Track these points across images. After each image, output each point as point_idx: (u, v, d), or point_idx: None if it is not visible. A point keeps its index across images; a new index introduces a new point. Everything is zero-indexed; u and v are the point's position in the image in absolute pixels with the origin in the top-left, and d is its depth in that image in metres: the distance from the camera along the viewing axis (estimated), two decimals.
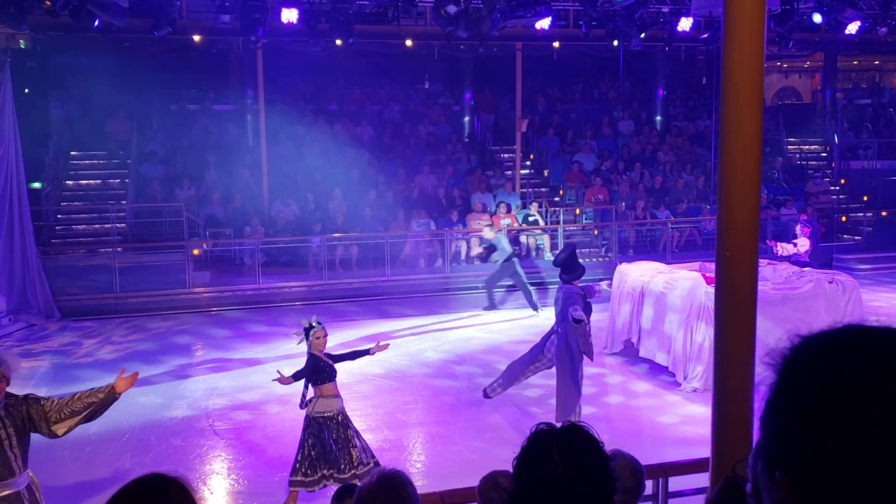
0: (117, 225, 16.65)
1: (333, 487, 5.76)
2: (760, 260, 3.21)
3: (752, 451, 1.04)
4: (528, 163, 20.47)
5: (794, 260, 12.26)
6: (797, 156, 23.06)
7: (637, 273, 10.87)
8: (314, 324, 6.87)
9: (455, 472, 7.09)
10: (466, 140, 20.84)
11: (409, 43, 17.19)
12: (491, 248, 14.05)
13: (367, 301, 14.66)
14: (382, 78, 21.20)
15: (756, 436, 1.03)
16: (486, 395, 8.82)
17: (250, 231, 15.83)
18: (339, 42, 15.61)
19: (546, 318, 11.89)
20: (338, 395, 6.76)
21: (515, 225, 17.14)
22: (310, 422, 6.57)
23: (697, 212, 18.43)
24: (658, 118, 22.28)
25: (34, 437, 5.07)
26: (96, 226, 16.98)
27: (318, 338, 6.78)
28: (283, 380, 6.64)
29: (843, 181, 21.62)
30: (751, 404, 2.99)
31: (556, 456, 1.61)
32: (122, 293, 14.20)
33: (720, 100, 3.53)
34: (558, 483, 1.58)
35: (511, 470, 1.69)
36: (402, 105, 21.10)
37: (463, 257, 16.65)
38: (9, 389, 4.83)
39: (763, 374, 1.03)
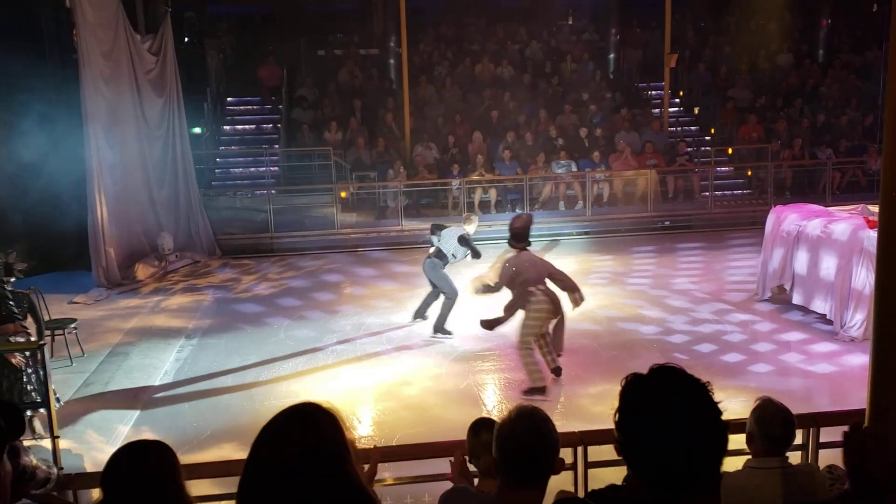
0: (271, 168, 17.46)
1: None
2: None
3: None
4: (677, 100, 19.65)
5: None
6: None
7: (793, 216, 10.30)
8: None
9: (593, 414, 7.10)
10: (611, 77, 20.22)
11: None
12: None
13: (505, 244, 14.66)
14: (525, 15, 20.81)
15: None
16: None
17: (393, 174, 16.17)
18: None
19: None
20: None
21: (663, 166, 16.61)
22: None
23: (862, 151, 17.13)
24: (821, 51, 20.71)
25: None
26: (251, 169, 17.90)
27: None
28: None
29: None
30: None
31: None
32: (276, 233, 14.95)
33: (891, 27, 3.24)
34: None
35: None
36: (543, 43, 20.67)
37: (605, 199, 16.33)
38: None
39: None
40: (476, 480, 3.47)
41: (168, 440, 2.70)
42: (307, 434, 1.76)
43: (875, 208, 9.71)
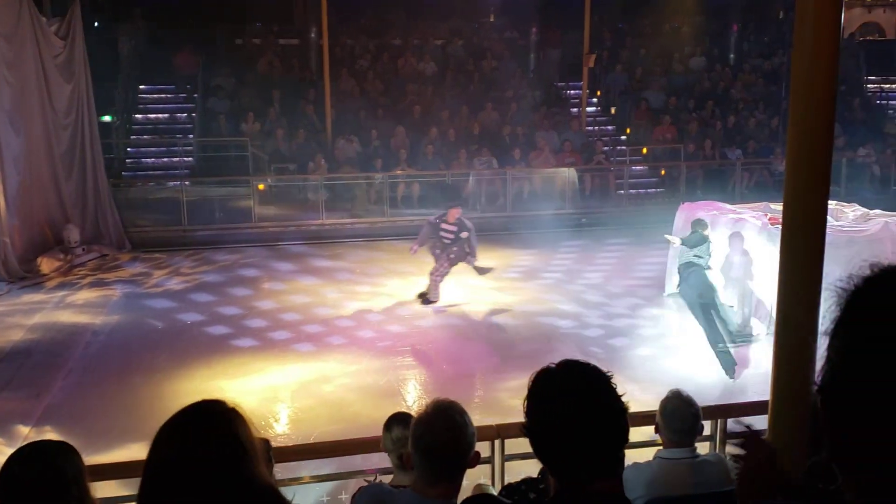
0: (185, 159, 16.99)
1: None
2: (829, 201, 3.12)
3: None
4: (594, 100, 20.03)
5: None
6: (878, 95, 22.00)
7: (700, 214, 10.63)
8: None
9: (510, 407, 7.17)
10: (531, 76, 20.46)
11: None
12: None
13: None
14: (446, 11, 20.84)
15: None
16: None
17: (314, 167, 15.97)
18: None
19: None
20: None
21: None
22: None
23: (769, 152, 17.84)
24: (731, 55, 21.45)
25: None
26: (164, 159, 17.38)
27: None
28: None
29: None
30: (813, 348, 2.93)
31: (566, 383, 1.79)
32: (189, 226, 14.55)
33: (795, 34, 3.36)
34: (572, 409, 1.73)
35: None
36: (465, 39, 20.75)
37: (525, 196, 16.51)
38: None
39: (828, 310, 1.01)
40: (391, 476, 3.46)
41: (72, 440, 2.60)
42: (205, 433, 1.72)
43: (777, 206, 10.14)
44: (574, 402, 1.75)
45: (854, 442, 0.94)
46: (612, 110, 19.95)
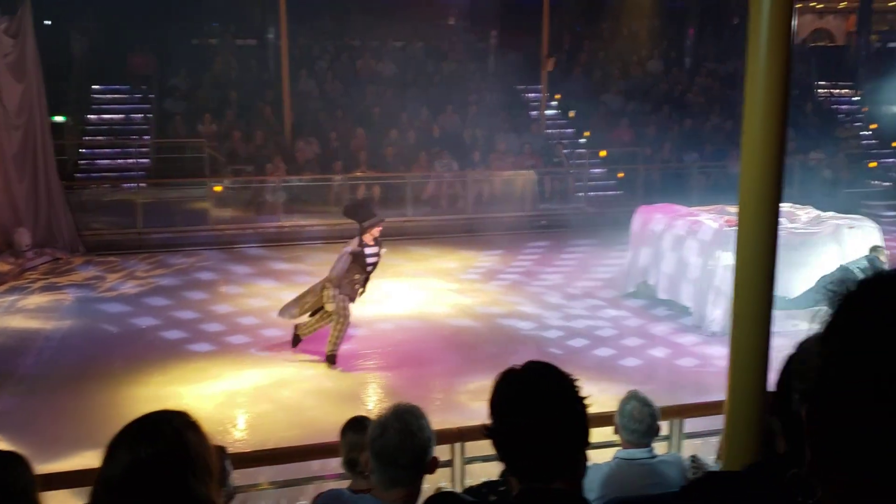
0: (140, 160, 16.71)
1: None
2: (783, 204, 3.18)
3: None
4: (553, 103, 20.16)
5: None
6: (828, 100, 22.52)
7: (658, 216, 10.78)
8: None
9: (471, 409, 7.17)
10: (491, 79, 20.53)
11: None
12: None
13: (388, 241, 14.59)
14: (406, 13, 20.82)
15: (772, 379, 1.02)
16: None
17: (272, 168, 15.82)
18: None
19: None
20: None
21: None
22: None
23: (725, 155, 18.12)
24: (687, 58, 21.78)
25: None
26: (119, 161, 17.07)
27: None
28: None
29: (874, 126, 21.13)
30: (767, 348, 2.96)
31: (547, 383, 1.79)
32: (144, 228, 14.30)
33: (748, 38, 3.40)
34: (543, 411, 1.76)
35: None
36: (425, 41, 20.75)
37: (485, 198, 16.55)
38: None
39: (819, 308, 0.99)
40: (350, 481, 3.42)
41: (23, 449, 2.53)
42: (153, 447, 1.69)
43: (733, 209, 10.30)
44: (539, 403, 1.76)
45: (839, 452, 0.92)
46: (571, 113, 20.10)
